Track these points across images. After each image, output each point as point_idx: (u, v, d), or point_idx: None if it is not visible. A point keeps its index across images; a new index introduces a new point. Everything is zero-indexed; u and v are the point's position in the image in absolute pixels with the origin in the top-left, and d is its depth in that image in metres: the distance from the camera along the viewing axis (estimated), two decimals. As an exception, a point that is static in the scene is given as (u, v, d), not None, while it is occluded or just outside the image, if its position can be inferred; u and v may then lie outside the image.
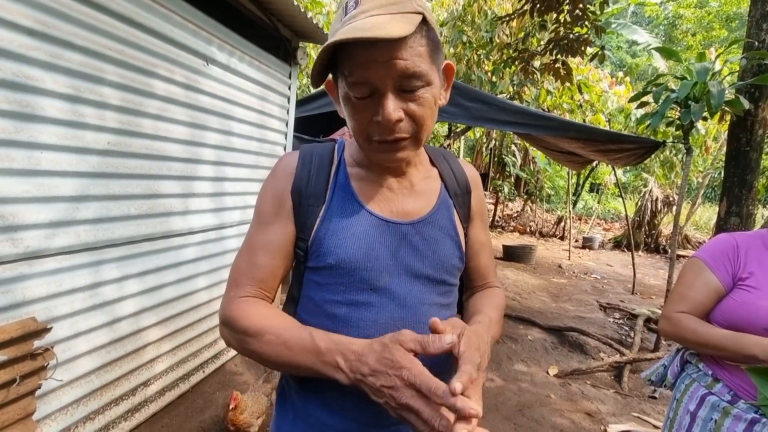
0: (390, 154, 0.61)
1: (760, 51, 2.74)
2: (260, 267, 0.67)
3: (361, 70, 0.55)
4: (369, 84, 0.56)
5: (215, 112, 2.26)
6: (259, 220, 0.69)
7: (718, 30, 14.29)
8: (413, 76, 0.55)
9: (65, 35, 1.45)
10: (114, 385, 1.84)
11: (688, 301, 1.11)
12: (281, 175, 0.69)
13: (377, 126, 0.58)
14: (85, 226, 1.61)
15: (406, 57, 0.54)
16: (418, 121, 0.59)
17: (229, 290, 0.67)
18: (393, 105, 0.56)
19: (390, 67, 0.54)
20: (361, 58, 0.54)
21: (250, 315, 0.63)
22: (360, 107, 0.58)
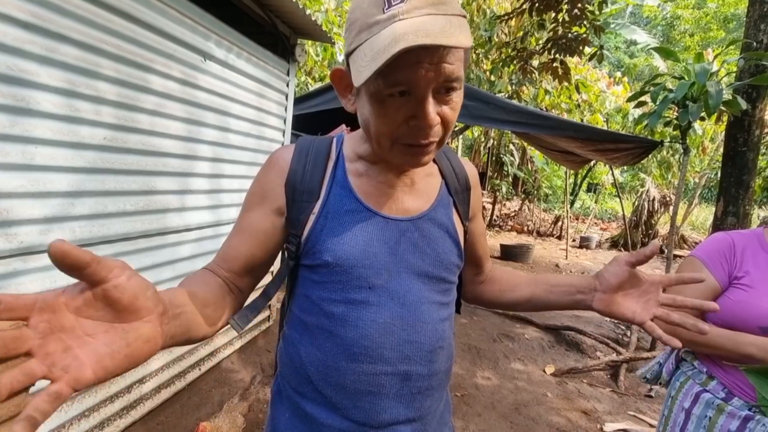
0: (416, 157, 0.60)
1: (758, 52, 2.74)
2: (228, 246, 0.68)
3: (406, 70, 0.51)
4: (410, 84, 0.52)
5: (212, 108, 2.25)
6: (243, 208, 0.70)
7: (716, 31, 14.34)
8: (456, 80, 0.54)
9: (61, 29, 1.43)
10: (109, 382, 1.82)
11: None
12: (273, 167, 0.68)
13: (410, 129, 0.56)
14: (80, 221, 1.60)
15: (452, 62, 0.52)
16: (447, 124, 0.58)
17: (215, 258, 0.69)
18: (433, 109, 0.54)
19: (437, 70, 0.52)
20: (410, 58, 0.50)
21: (187, 279, 0.63)
22: (394, 107, 0.55)
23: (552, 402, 2.68)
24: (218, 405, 2.26)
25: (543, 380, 2.97)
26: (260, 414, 2.25)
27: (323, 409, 0.65)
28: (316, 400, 0.66)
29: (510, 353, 3.39)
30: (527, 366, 3.20)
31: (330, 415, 0.65)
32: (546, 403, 2.65)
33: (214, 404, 2.26)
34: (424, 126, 0.55)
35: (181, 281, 0.61)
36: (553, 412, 2.55)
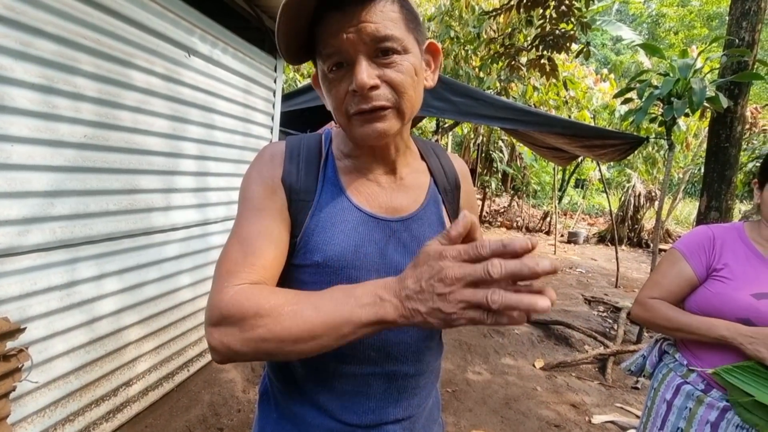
0: (370, 125, 0.57)
1: (740, 49, 2.79)
2: (261, 252, 0.57)
3: (332, 38, 0.54)
4: (342, 53, 0.54)
5: (197, 104, 2.20)
6: (249, 207, 0.61)
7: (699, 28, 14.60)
8: (385, 39, 0.54)
9: (36, 22, 1.38)
10: (94, 386, 1.79)
11: (661, 289, 1.16)
12: (268, 163, 0.65)
13: (353, 97, 0.56)
14: (60, 222, 1.55)
15: (376, 20, 0.53)
16: (397, 88, 0.56)
17: (221, 283, 0.55)
18: (367, 71, 0.54)
19: (360, 30, 0.53)
20: (331, 27, 0.53)
21: (255, 296, 0.51)
22: (336, 80, 0.57)
23: (542, 396, 2.71)
24: (208, 406, 2.23)
25: (533, 374, 3.00)
26: (250, 414, 2.23)
27: (311, 410, 0.65)
28: (304, 401, 0.65)
29: (500, 348, 3.42)
30: (517, 361, 3.23)
31: (318, 416, 0.64)
32: (536, 397, 2.68)
33: (203, 405, 2.23)
34: (359, 88, 0.54)
35: (286, 297, 0.51)
36: (543, 406, 2.58)
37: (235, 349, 0.51)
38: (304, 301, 0.50)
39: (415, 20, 0.59)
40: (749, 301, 1.01)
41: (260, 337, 0.49)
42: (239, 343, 0.50)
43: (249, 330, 0.50)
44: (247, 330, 0.50)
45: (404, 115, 0.60)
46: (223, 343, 0.51)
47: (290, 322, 0.48)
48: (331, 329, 0.48)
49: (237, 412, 2.24)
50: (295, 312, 0.49)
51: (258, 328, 0.49)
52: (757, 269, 1.04)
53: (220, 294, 0.53)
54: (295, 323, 0.48)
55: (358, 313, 0.47)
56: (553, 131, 3.81)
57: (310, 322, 0.48)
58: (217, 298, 0.53)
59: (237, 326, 0.50)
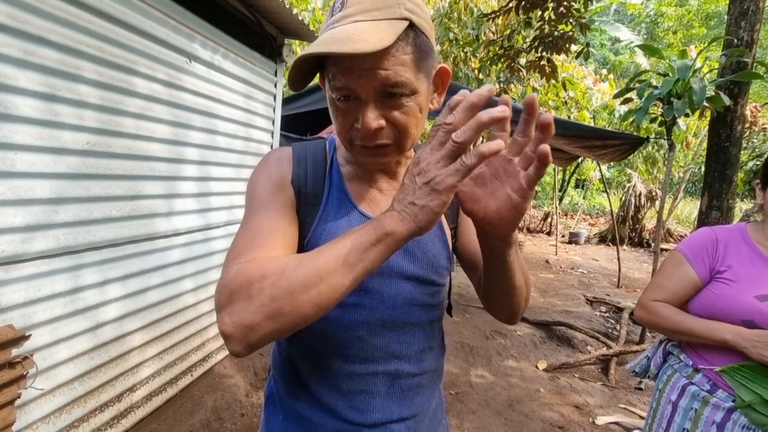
0: (373, 158, 0.61)
1: (739, 48, 2.80)
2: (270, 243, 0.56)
3: (343, 76, 0.54)
4: (349, 89, 0.55)
5: (199, 110, 2.21)
6: (257, 204, 0.60)
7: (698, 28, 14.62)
8: (395, 85, 0.54)
9: (39, 31, 1.39)
10: (98, 392, 1.79)
11: (665, 291, 1.15)
12: (276, 165, 0.65)
13: (358, 132, 0.58)
14: (64, 229, 1.56)
15: (387, 67, 0.53)
16: (400, 128, 0.58)
17: (228, 266, 0.53)
18: (373, 114, 0.55)
19: (371, 76, 0.53)
20: (343, 64, 0.53)
21: (260, 262, 0.50)
22: (343, 111, 0.58)
23: (545, 397, 2.70)
24: (211, 411, 2.23)
25: (536, 376, 3.00)
26: (254, 419, 2.23)
27: (317, 411, 0.66)
28: (310, 402, 0.66)
29: (503, 350, 3.41)
30: (520, 362, 3.22)
31: (324, 416, 0.65)
32: (539, 399, 2.67)
33: (207, 410, 2.23)
34: (364, 131, 0.56)
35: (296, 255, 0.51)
36: (546, 408, 2.58)
37: (248, 322, 0.47)
38: (309, 252, 0.50)
39: (426, 56, 0.57)
40: (753, 303, 1.01)
41: (270, 296, 0.46)
42: (251, 313, 0.47)
43: (257, 294, 0.47)
44: (256, 295, 0.47)
45: (404, 149, 0.61)
46: (235, 323, 0.47)
47: (296, 270, 0.47)
48: (338, 262, 0.46)
49: (240, 417, 2.24)
50: (300, 261, 0.48)
51: (266, 288, 0.47)
52: (761, 271, 1.04)
53: (226, 274, 0.52)
54: (302, 269, 0.47)
55: (359, 238, 0.47)
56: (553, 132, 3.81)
57: (316, 262, 0.47)
58: (223, 280, 0.51)
59: (245, 296, 0.48)
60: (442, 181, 0.44)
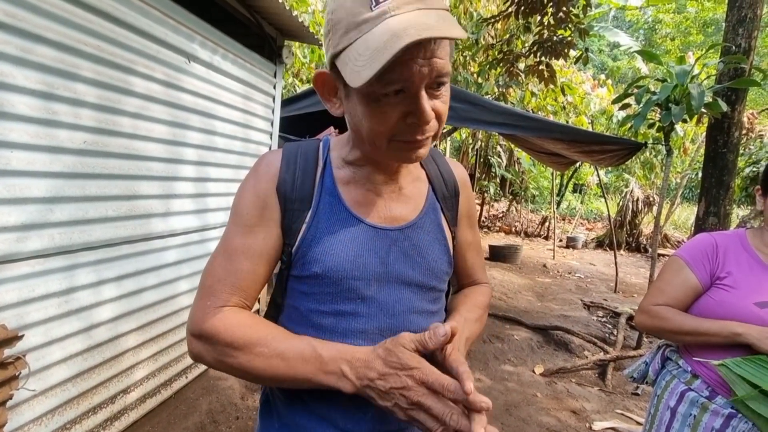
0: (413, 152, 0.59)
1: (737, 55, 2.81)
2: (241, 274, 0.62)
3: (401, 67, 0.50)
4: (405, 82, 0.52)
5: (197, 110, 2.21)
6: (238, 223, 0.63)
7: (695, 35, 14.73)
8: (445, 75, 0.54)
9: (37, 29, 1.38)
10: (92, 393, 1.77)
11: (666, 296, 1.15)
12: (264, 175, 0.65)
13: (407, 126, 0.56)
14: (59, 228, 1.55)
15: (443, 56, 0.53)
16: (440, 118, 0.58)
17: (204, 299, 0.61)
18: (428, 104, 0.54)
19: (430, 66, 0.52)
20: (404, 56, 0.49)
21: (233, 326, 0.58)
22: (390, 106, 0.54)
23: (542, 402, 2.69)
24: (206, 413, 2.21)
25: (533, 381, 2.99)
26: (249, 422, 2.22)
27: (313, 419, 0.64)
28: (306, 411, 0.65)
29: (500, 354, 3.40)
30: (517, 367, 3.21)
31: (320, 425, 0.64)
32: (536, 404, 2.66)
33: (201, 413, 2.21)
34: (422, 122, 0.55)
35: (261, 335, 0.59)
36: (543, 413, 2.57)
37: (207, 363, 0.60)
38: (274, 345, 0.57)
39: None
40: (753, 310, 1.00)
41: (230, 366, 0.58)
42: (212, 361, 0.59)
43: (221, 356, 0.58)
44: (219, 355, 0.58)
45: (437, 139, 0.62)
46: (198, 354, 0.60)
47: (259, 362, 0.56)
48: (292, 381, 0.57)
49: (235, 420, 2.22)
50: (265, 356, 0.56)
51: (229, 358, 0.57)
52: (760, 278, 1.04)
53: (202, 312, 0.60)
54: (262, 367, 0.56)
55: (319, 378, 0.56)
56: (552, 136, 3.82)
57: (275, 369, 0.56)
58: (199, 315, 0.60)
59: (212, 348, 0.58)
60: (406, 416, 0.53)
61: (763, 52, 11.02)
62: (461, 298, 0.78)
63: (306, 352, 0.56)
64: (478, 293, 0.80)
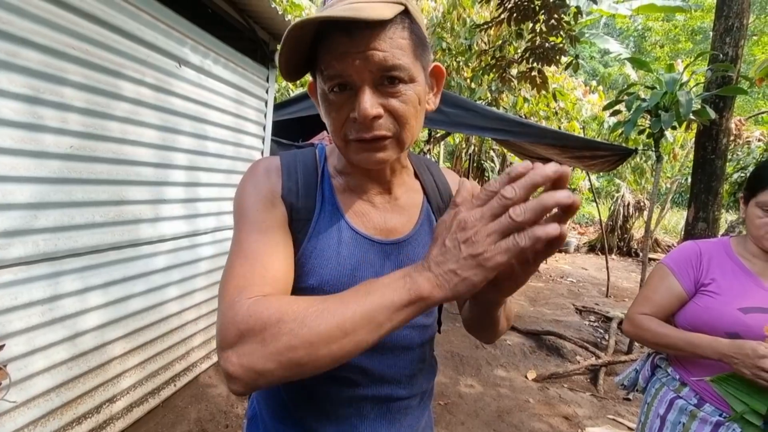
0: (369, 153, 0.56)
1: (724, 63, 2.86)
2: (270, 266, 0.53)
3: (338, 61, 0.51)
4: (345, 77, 0.52)
5: (188, 115, 2.18)
6: (249, 223, 0.57)
7: (684, 43, 15.00)
8: (392, 68, 0.51)
9: (23, 32, 1.36)
10: (76, 403, 1.73)
11: (652, 304, 1.16)
12: (264, 176, 0.61)
13: (354, 123, 0.54)
14: (44, 234, 1.51)
15: (384, 48, 0.51)
16: (399, 118, 0.54)
17: (232, 299, 0.49)
18: (370, 100, 0.52)
19: (367, 58, 0.50)
20: (337, 49, 0.50)
21: (275, 305, 0.46)
22: (337, 103, 0.54)
23: (534, 408, 2.69)
24: (195, 422, 2.17)
25: (525, 386, 2.99)
26: (238, 430, 2.18)
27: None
28: (295, 426, 0.64)
29: (492, 360, 3.40)
30: (509, 372, 3.21)
31: None
32: (528, 410, 2.66)
33: (190, 422, 2.17)
34: (361, 118, 0.52)
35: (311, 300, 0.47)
36: (536, 418, 2.56)
37: (260, 367, 0.44)
38: (330, 298, 0.46)
39: (424, 46, 0.56)
40: (737, 316, 1.01)
41: (287, 345, 0.43)
42: (264, 359, 0.44)
43: (273, 340, 0.44)
44: (270, 341, 0.44)
45: (404, 145, 0.58)
46: (244, 365, 0.44)
47: (318, 320, 0.43)
48: (364, 319, 0.43)
49: (225, 428, 2.18)
50: (322, 310, 0.44)
51: (283, 336, 0.43)
52: (744, 284, 1.05)
53: (233, 309, 0.47)
54: (325, 321, 0.43)
55: (390, 296, 0.43)
56: (544, 142, 3.85)
57: (340, 315, 0.43)
58: (230, 315, 0.47)
59: (258, 340, 0.44)
60: (492, 257, 0.40)
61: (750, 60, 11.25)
62: None
63: (362, 288, 0.46)
64: None
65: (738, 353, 0.95)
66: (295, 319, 0.44)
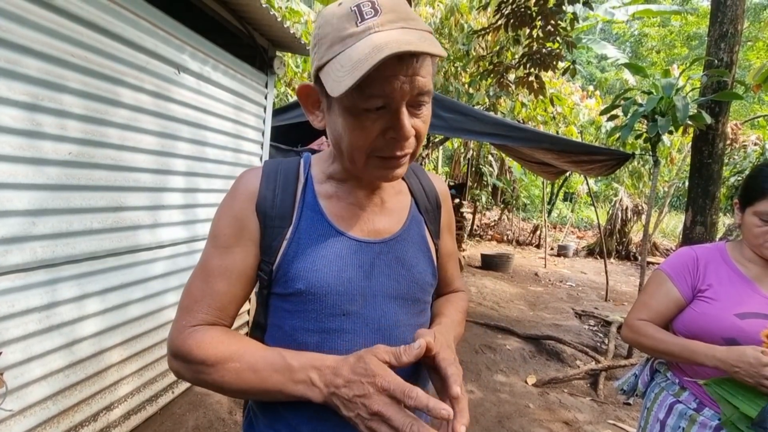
0: (390, 170, 0.60)
1: (719, 69, 2.89)
2: (218, 294, 0.62)
3: (383, 83, 0.52)
4: (386, 97, 0.53)
5: (187, 121, 2.19)
6: (216, 244, 0.64)
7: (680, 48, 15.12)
8: (427, 93, 0.56)
9: (23, 40, 1.37)
10: (73, 411, 1.72)
11: (650, 310, 1.16)
12: (242, 194, 0.64)
13: (386, 142, 0.56)
14: (42, 241, 1.51)
15: (424, 75, 0.54)
16: (420, 137, 0.59)
17: (180, 319, 0.61)
18: (408, 121, 0.55)
19: (412, 83, 0.53)
20: (386, 72, 0.51)
21: (206, 343, 0.58)
22: (370, 120, 0.55)
23: (534, 413, 2.68)
24: (192, 430, 2.15)
25: (525, 391, 2.97)
26: (237, 438, 2.16)
27: None
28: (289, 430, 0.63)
29: (492, 365, 3.39)
30: (509, 377, 3.20)
31: None
32: (528, 415, 2.65)
33: (188, 429, 2.15)
34: (401, 138, 0.56)
35: (233, 349, 0.58)
36: (536, 424, 2.55)
37: (186, 380, 0.62)
38: (246, 359, 0.57)
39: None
40: (734, 322, 1.01)
41: (204, 381, 0.59)
42: (189, 378, 0.60)
43: (196, 373, 0.59)
44: (195, 373, 0.59)
45: (414, 158, 0.62)
46: (176, 371, 0.62)
47: (231, 377, 0.57)
48: (263, 393, 0.57)
49: (223, 437, 2.16)
50: (236, 371, 0.56)
51: (203, 375, 0.58)
52: (740, 289, 1.05)
53: (178, 331, 0.61)
54: (235, 381, 0.57)
55: (289, 388, 0.55)
56: (542, 147, 3.87)
57: (247, 382, 0.56)
58: (174, 334, 0.61)
59: (187, 366, 0.59)
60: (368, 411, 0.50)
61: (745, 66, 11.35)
62: (445, 302, 0.80)
63: (277, 363, 0.56)
64: (459, 299, 0.82)
65: (739, 361, 0.94)
66: (214, 366, 0.57)
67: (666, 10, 10.00)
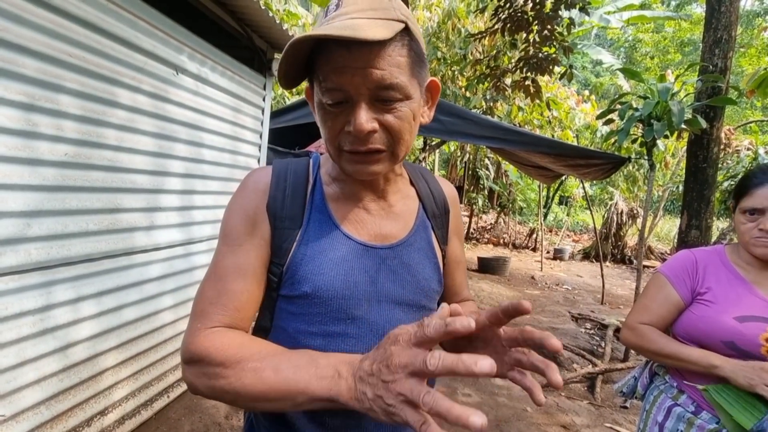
0: (359, 165, 0.58)
1: (714, 74, 2.92)
2: (234, 293, 0.59)
3: (336, 75, 0.52)
4: (343, 91, 0.53)
5: (185, 123, 2.18)
6: (228, 242, 0.61)
7: (674, 54, 15.31)
8: (390, 87, 0.53)
9: (20, 39, 1.35)
10: (66, 416, 1.69)
11: (650, 313, 1.16)
12: (252, 191, 0.63)
13: (348, 136, 0.55)
14: (36, 243, 1.49)
15: (383, 66, 0.51)
16: (394, 134, 0.56)
17: (194, 323, 0.58)
18: (366, 115, 0.53)
19: (366, 75, 0.51)
20: (336, 63, 0.51)
21: (224, 345, 0.53)
22: (332, 115, 0.55)
23: (532, 417, 2.67)
24: (187, 435, 2.13)
25: (523, 395, 2.97)
26: (233, 442, 2.14)
27: None
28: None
29: (489, 368, 3.38)
30: (507, 381, 3.18)
31: None
32: (526, 419, 2.64)
33: (183, 434, 2.13)
34: (356, 132, 0.53)
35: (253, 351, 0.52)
36: (534, 428, 2.54)
37: (200, 390, 0.54)
38: (268, 359, 0.51)
39: (421, 62, 0.57)
40: (733, 324, 1.02)
41: (221, 388, 0.52)
42: (203, 387, 0.54)
43: (213, 378, 0.52)
44: (211, 377, 0.52)
45: (398, 158, 0.60)
46: (190, 381, 0.55)
47: (251, 378, 0.50)
48: (287, 396, 0.48)
49: (219, 441, 2.14)
50: (257, 370, 0.50)
51: (221, 379, 0.51)
52: (739, 292, 1.06)
53: (192, 335, 0.56)
54: (255, 383, 0.49)
55: (314, 386, 0.47)
56: (538, 150, 3.88)
57: (268, 384, 0.49)
58: (189, 339, 0.56)
59: (203, 371, 0.53)
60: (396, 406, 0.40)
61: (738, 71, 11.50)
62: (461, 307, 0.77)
63: (302, 361, 0.49)
64: (468, 308, 0.80)
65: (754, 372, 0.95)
66: (234, 368, 0.51)
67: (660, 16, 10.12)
